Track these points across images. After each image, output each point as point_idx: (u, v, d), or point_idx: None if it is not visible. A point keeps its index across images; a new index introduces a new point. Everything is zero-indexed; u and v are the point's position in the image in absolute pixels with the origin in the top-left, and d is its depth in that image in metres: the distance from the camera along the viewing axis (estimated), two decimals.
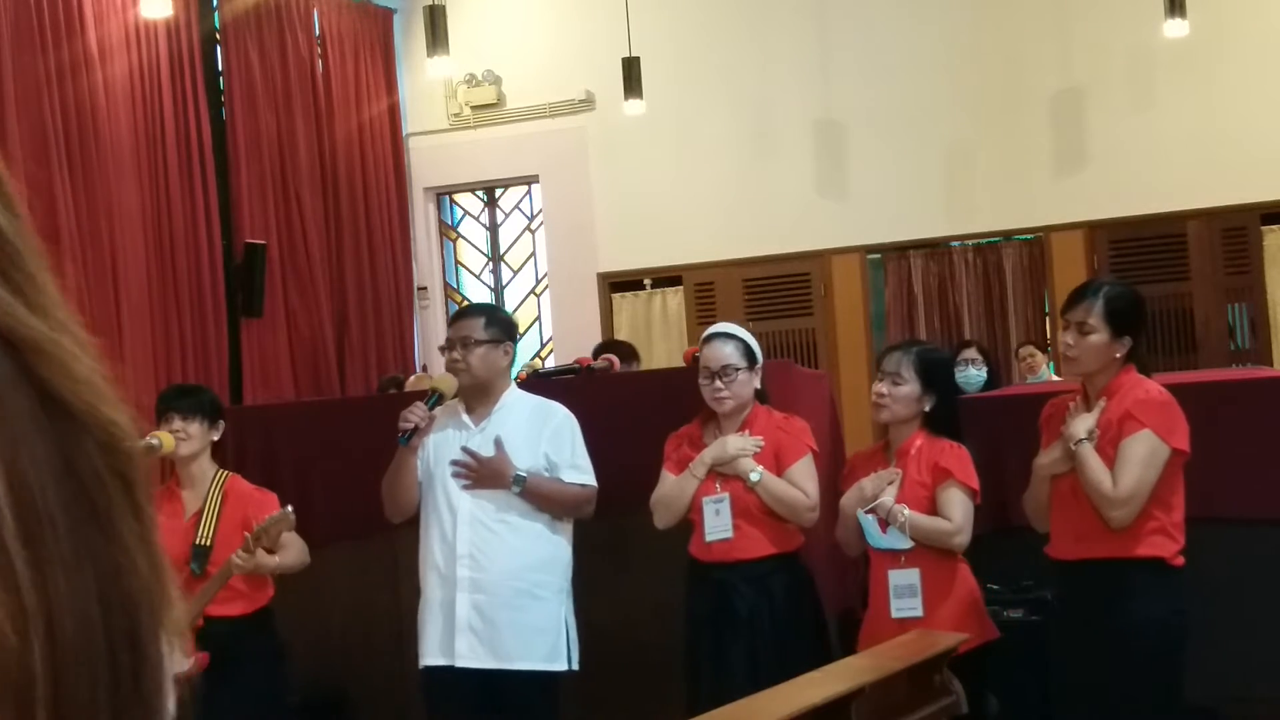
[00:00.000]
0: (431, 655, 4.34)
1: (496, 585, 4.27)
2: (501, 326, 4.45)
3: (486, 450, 4.31)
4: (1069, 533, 3.85)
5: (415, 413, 4.22)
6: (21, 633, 0.56)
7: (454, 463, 4.32)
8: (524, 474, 4.28)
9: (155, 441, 4.24)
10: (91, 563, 0.59)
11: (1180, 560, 3.79)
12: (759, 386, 4.36)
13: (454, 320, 4.52)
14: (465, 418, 4.39)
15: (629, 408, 4.84)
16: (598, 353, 6.47)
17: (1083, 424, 3.76)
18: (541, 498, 4.33)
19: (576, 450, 4.40)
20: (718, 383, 4.26)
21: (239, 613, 4.38)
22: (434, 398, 4.27)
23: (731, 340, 4.34)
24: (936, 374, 4.18)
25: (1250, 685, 4.48)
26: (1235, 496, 4.51)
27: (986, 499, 4.92)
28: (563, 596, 4.38)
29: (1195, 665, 4.40)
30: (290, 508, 4.23)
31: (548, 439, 4.37)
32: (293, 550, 4.38)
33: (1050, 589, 4.20)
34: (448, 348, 4.39)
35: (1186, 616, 3.80)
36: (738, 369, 4.28)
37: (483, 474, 4.30)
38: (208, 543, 4.34)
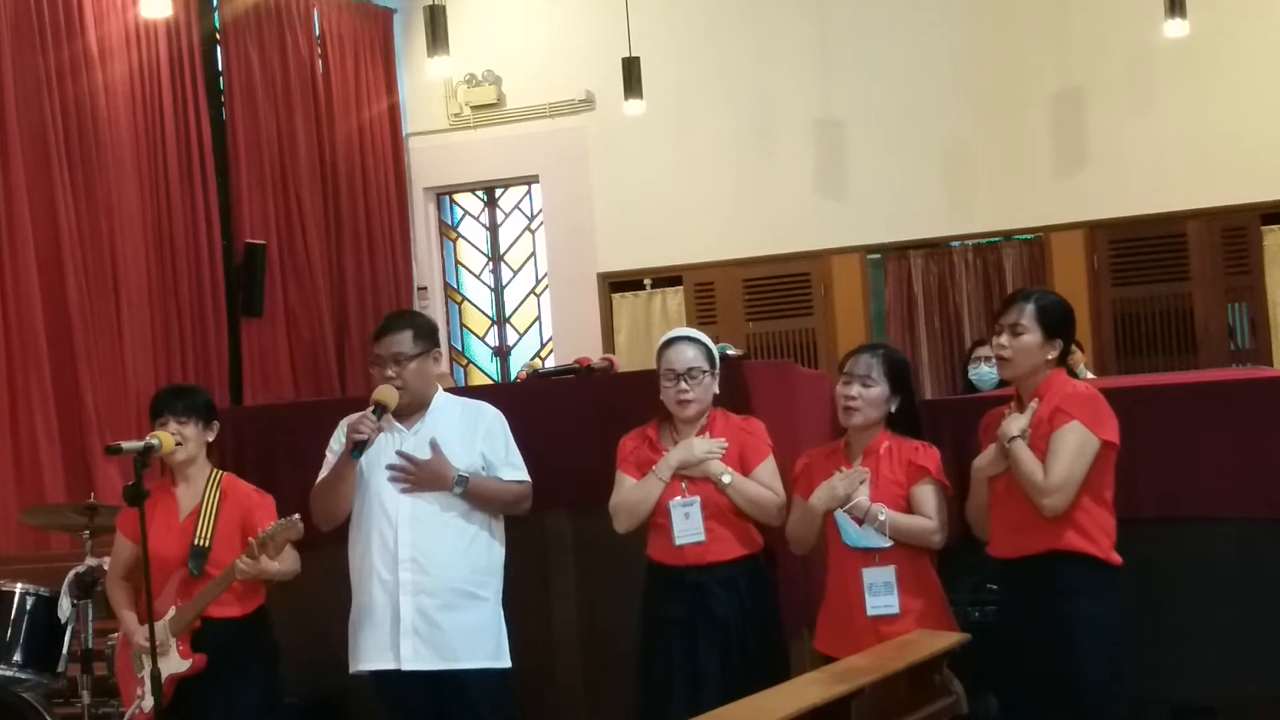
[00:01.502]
0: (371, 660, 4.33)
1: (440, 587, 4.28)
2: (427, 334, 4.44)
3: (421, 453, 4.31)
4: (1006, 529, 3.95)
5: (366, 425, 4.22)
6: None
7: (391, 467, 4.31)
8: (465, 474, 4.29)
9: (155, 442, 4.23)
10: None
11: (1116, 557, 3.87)
12: (717, 392, 4.36)
13: (378, 336, 4.44)
14: (396, 422, 4.38)
15: (634, 407, 4.82)
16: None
17: (1016, 424, 3.89)
18: (483, 497, 4.33)
19: (510, 448, 4.41)
20: (683, 384, 4.26)
21: (235, 614, 4.37)
22: (378, 410, 4.26)
23: (695, 344, 4.34)
24: (901, 375, 4.22)
25: (1250, 685, 4.49)
26: (1235, 496, 4.52)
27: None
28: (499, 595, 4.40)
29: (1195, 665, 4.40)
30: (298, 516, 4.21)
31: (482, 438, 4.37)
32: (288, 559, 4.36)
33: (996, 588, 4.25)
34: (378, 365, 4.38)
35: (1128, 612, 3.85)
36: (704, 371, 4.28)
37: (422, 477, 4.29)
38: (206, 544, 4.33)
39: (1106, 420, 3.87)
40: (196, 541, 4.32)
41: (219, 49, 9.56)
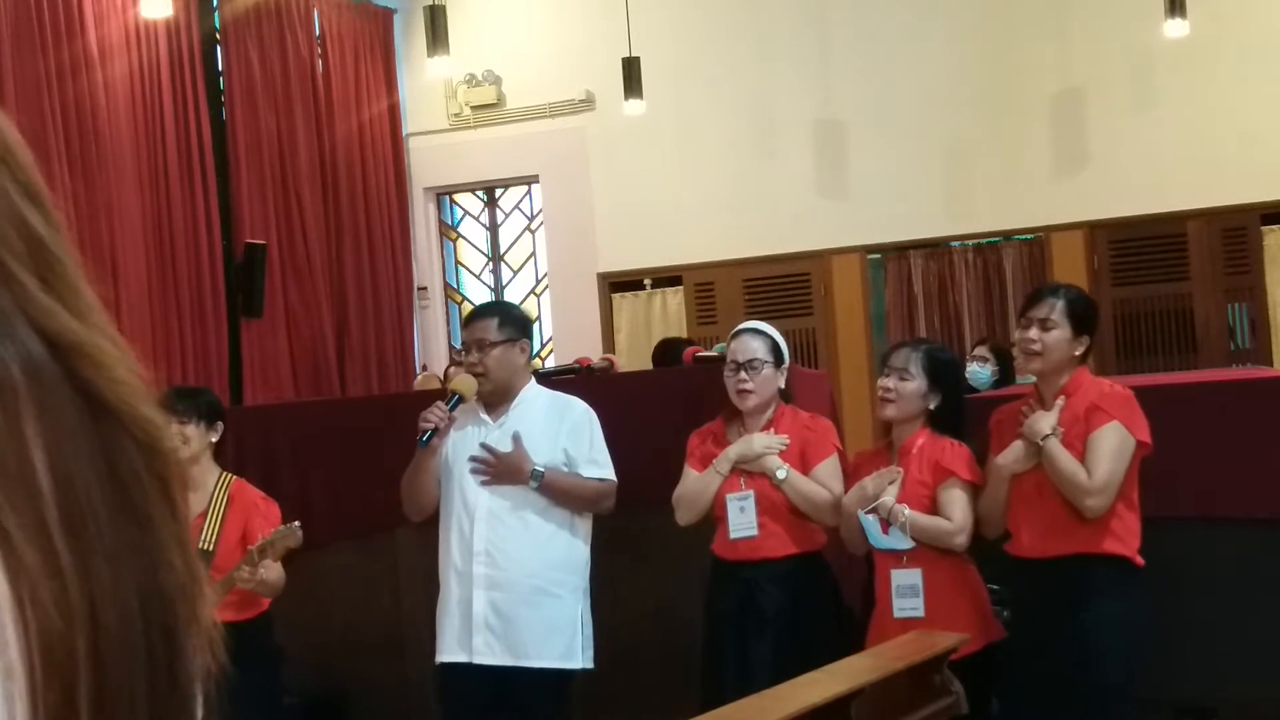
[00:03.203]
0: (449, 652, 4.33)
1: (513, 582, 4.26)
2: (515, 324, 4.43)
3: (504, 446, 4.30)
4: (1036, 529, 3.90)
5: (435, 414, 4.21)
6: (66, 617, 0.59)
7: (472, 459, 4.31)
8: (541, 469, 4.27)
9: None
10: (131, 559, 0.63)
11: (1140, 559, 3.86)
12: (783, 386, 4.36)
13: (467, 322, 4.49)
14: (483, 414, 4.39)
15: (634, 407, 4.83)
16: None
17: (1046, 420, 3.84)
18: (559, 493, 4.31)
19: (595, 445, 4.38)
20: (743, 374, 4.28)
21: (236, 619, 4.36)
22: (454, 399, 4.26)
23: (760, 336, 4.37)
24: (943, 373, 4.19)
25: (1250, 685, 4.49)
26: (1235, 496, 4.52)
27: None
28: (579, 594, 4.36)
29: (1195, 665, 4.41)
30: (298, 524, 4.20)
31: (566, 434, 4.35)
32: (273, 572, 4.35)
33: (1012, 587, 4.23)
34: (465, 351, 4.40)
35: (1151, 614, 3.84)
36: (765, 362, 4.29)
37: (500, 470, 4.28)
38: (210, 547, 4.32)
39: (1141, 421, 3.84)
40: (200, 545, 4.32)
41: (219, 49, 9.55)
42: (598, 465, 4.37)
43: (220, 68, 9.56)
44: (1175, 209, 9.41)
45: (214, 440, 4.47)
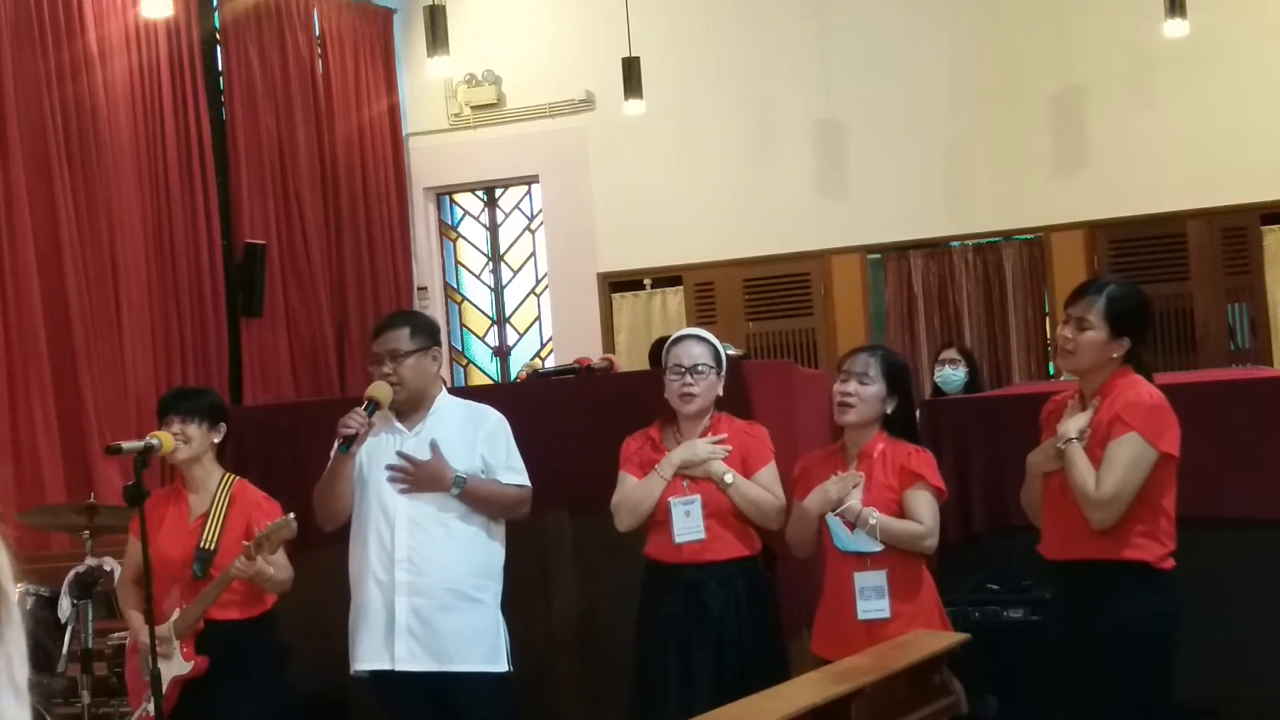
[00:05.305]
0: (366, 660, 4.35)
1: (435, 588, 4.28)
2: (426, 332, 4.44)
3: (421, 454, 4.31)
4: (1057, 533, 3.83)
5: (355, 419, 4.21)
6: None
7: (390, 467, 4.32)
8: (464, 476, 4.29)
9: (155, 442, 4.24)
10: None
11: (1169, 563, 3.74)
12: (721, 394, 4.39)
13: (377, 334, 4.48)
14: (397, 423, 4.39)
15: (634, 407, 4.83)
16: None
17: (1075, 423, 3.73)
18: (480, 499, 4.34)
19: (511, 452, 4.41)
20: (688, 378, 4.29)
21: (239, 617, 4.38)
22: (370, 406, 4.26)
23: (703, 342, 4.39)
24: (899, 377, 4.20)
25: (1250, 685, 4.49)
26: (1235, 496, 4.52)
27: (988, 499, 4.93)
28: (498, 599, 4.40)
29: (1195, 665, 4.40)
30: (292, 515, 4.22)
31: (483, 441, 4.38)
32: (283, 571, 4.37)
33: (1046, 588, 4.21)
34: (376, 363, 4.39)
35: (1176, 618, 3.75)
36: (710, 368, 4.32)
37: (421, 477, 4.30)
38: (212, 546, 4.33)
39: (1168, 431, 3.69)
40: (202, 544, 4.34)
41: (219, 49, 9.56)
42: (515, 472, 4.40)
43: (220, 68, 9.56)
44: (1175, 209, 9.42)
45: (216, 441, 4.48)
